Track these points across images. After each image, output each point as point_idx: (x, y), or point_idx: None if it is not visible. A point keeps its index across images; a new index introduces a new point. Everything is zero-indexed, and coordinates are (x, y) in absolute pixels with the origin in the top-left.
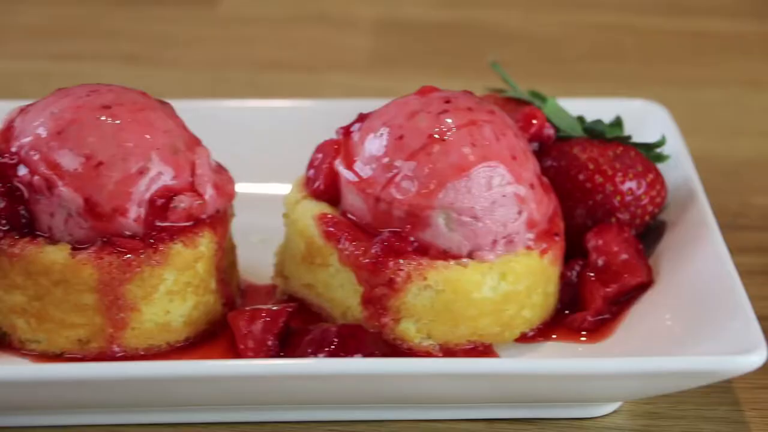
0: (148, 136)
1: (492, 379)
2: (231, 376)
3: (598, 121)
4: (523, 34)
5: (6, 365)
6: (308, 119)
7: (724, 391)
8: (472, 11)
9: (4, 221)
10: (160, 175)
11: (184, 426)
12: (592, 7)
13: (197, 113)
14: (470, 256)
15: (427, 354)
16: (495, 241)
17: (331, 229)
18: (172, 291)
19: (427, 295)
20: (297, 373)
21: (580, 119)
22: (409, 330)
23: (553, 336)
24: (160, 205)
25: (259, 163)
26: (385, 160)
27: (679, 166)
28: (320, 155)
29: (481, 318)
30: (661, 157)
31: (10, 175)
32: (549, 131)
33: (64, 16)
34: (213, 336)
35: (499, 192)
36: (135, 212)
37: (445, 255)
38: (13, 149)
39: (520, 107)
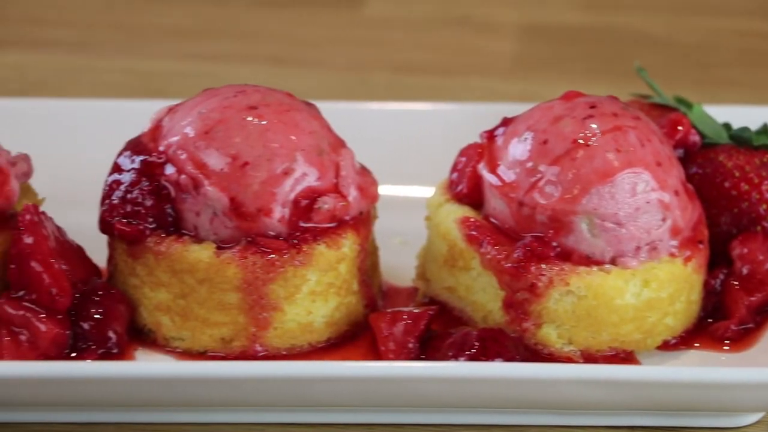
0: (293, 137)
1: (633, 386)
2: (373, 377)
3: (745, 129)
4: (669, 40)
5: (150, 362)
6: (451, 123)
7: None
8: (616, 16)
9: (151, 219)
10: (305, 176)
11: (321, 426)
12: (737, 14)
13: (341, 115)
14: (613, 262)
15: (568, 360)
16: (638, 248)
17: (474, 232)
18: (315, 291)
19: (569, 300)
20: (438, 376)
21: (726, 126)
22: (550, 335)
23: (696, 344)
24: (304, 205)
25: (402, 166)
26: (529, 164)
27: None
28: (464, 159)
29: (623, 325)
30: None
31: (158, 174)
32: (694, 138)
33: (209, 17)
34: (354, 337)
35: (643, 198)
36: (279, 212)
37: (588, 261)
38: (161, 148)
39: (665, 113)
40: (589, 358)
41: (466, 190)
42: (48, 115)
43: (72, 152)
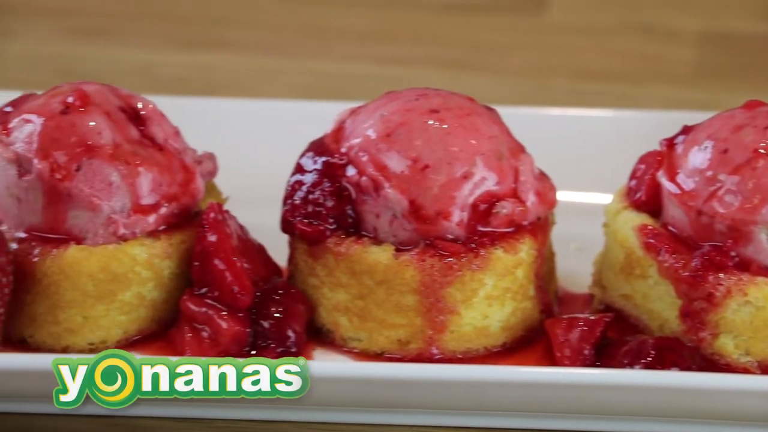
0: (473, 141)
1: None
2: (548, 383)
3: None
4: None
5: (329, 362)
6: (631, 130)
7: None
8: None
9: (331, 220)
10: (484, 181)
11: (492, 430)
12: None
13: (521, 120)
14: None
15: (745, 371)
16: None
17: (652, 240)
18: (492, 296)
19: (747, 311)
20: (613, 384)
21: None
22: (727, 345)
23: None
24: (483, 210)
25: (581, 172)
26: (709, 173)
27: None
28: (643, 166)
29: None
30: None
31: (339, 175)
32: None
33: (391, 21)
34: (530, 342)
35: None
36: (458, 216)
37: (767, 271)
38: (343, 150)
39: None
40: (767, 369)
41: (645, 197)
42: (234, 115)
43: (256, 152)
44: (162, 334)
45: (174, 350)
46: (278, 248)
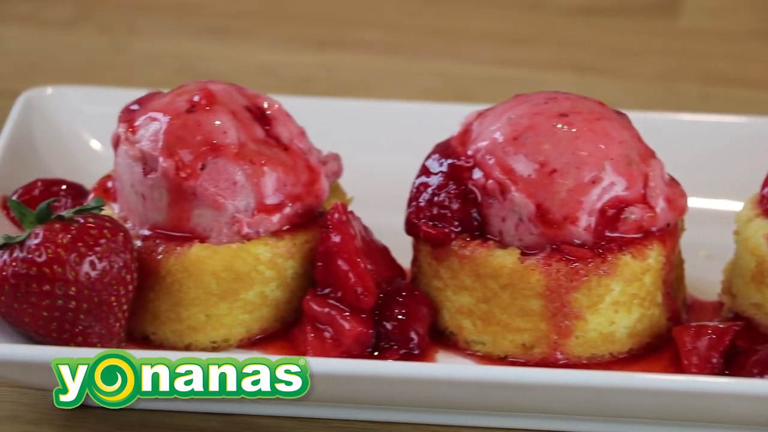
0: (602, 146)
1: None
2: (677, 391)
3: None
4: None
5: (453, 365)
6: (764, 136)
7: None
8: None
9: (456, 223)
10: (613, 186)
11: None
12: None
13: (651, 125)
14: None
15: None
16: None
17: None
18: (618, 302)
19: None
20: (743, 393)
21: None
22: None
23: None
24: (611, 215)
25: (711, 179)
26: None
27: None
28: None
29: None
30: None
31: (465, 177)
32: None
33: (518, 23)
34: (656, 350)
35: None
36: (585, 221)
37: None
38: (470, 152)
39: None
40: None
41: None
42: (359, 116)
43: (381, 153)
44: (284, 333)
45: (296, 350)
46: (402, 250)
